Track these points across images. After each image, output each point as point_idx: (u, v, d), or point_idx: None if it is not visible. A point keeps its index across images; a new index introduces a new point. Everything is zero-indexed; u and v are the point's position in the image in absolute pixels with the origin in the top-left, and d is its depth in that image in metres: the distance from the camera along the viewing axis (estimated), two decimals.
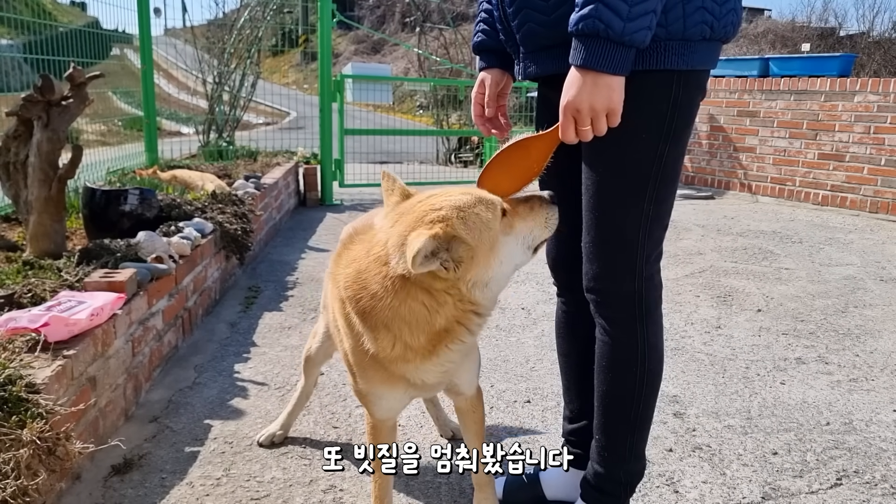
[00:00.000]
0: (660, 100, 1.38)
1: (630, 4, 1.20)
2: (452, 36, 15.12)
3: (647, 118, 1.39)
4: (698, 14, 1.33)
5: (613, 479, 1.60)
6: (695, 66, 1.39)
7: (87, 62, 5.03)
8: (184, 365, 2.76)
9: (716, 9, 1.35)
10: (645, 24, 1.23)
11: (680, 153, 1.46)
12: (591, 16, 1.21)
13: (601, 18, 1.21)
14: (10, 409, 1.58)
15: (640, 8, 1.21)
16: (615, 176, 1.43)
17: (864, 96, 6.31)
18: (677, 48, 1.35)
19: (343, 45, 29.89)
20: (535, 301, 3.67)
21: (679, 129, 1.42)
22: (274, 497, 1.87)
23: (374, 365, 1.41)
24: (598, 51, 1.23)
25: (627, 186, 1.43)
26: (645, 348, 1.51)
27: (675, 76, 1.38)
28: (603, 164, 1.43)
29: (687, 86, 1.40)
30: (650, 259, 1.49)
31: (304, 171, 6.56)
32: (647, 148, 1.40)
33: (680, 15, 1.32)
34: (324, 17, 6.36)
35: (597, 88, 1.26)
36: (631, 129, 1.37)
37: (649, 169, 1.41)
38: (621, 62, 1.24)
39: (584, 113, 1.28)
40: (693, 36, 1.35)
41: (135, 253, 2.66)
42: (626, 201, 1.44)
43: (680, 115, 1.41)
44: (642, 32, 1.23)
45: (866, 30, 16.77)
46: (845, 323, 3.42)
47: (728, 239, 5.30)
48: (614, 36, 1.21)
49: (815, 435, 2.29)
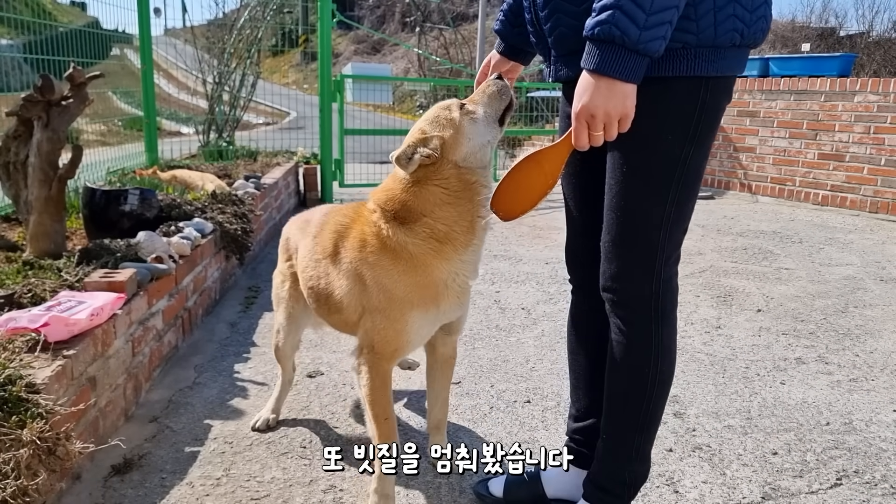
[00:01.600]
0: (687, 103, 1.39)
1: (647, 13, 1.21)
2: (452, 36, 15.12)
3: (673, 121, 1.40)
4: (729, 22, 1.34)
5: (618, 480, 1.60)
6: (724, 72, 1.40)
7: (87, 62, 5.02)
8: (184, 365, 2.76)
9: (746, 16, 1.36)
10: (660, 33, 1.24)
11: (704, 157, 1.46)
12: (608, 21, 1.22)
13: (618, 25, 1.22)
14: (10, 409, 1.58)
15: (656, 18, 1.22)
16: (638, 177, 1.43)
17: (864, 96, 6.31)
18: (708, 55, 1.36)
19: (343, 45, 29.88)
20: (535, 301, 3.67)
21: (704, 133, 1.42)
22: (274, 497, 1.87)
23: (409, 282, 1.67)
24: (613, 57, 1.25)
25: (650, 187, 1.43)
26: (659, 350, 1.51)
27: (703, 81, 1.38)
28: (627, 165, 1.44)
29: (715, 91, 1.41)
30: (669, 261, 1.50)
31: (304, 171, 6.57)
32: (672, 150, 1.41)
33: (711, 23, 1.33)
34: (324, 17, 6.36)
35: (612, 94, 1.27)
36: (657, 130, 1.38)
37: (673, 171, 1.42)
38: (635, 70, 1.26)
39: (598, 118, 1.29)
40: (723, 43, 1.36)
41: (135, 253, 2.66)
42: (649, 202, 1.44)
43: (706, 119, 1.41)
44: (657, 42, 1.24)
45: (866, 30, 16.76)
46: (845, 323, 3.42)
47: (728, 239, 5.30)
48: (630, 44, 1.22)
49: (815, 435, 2.29)
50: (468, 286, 1.76)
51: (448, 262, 1.67)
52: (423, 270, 1.67)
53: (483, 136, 1.66)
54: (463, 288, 1.73)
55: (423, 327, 1.73)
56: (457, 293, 1.72)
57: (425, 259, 1.66)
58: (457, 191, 1.65)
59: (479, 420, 2.35)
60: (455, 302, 1.74)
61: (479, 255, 1.74)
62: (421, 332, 1.74)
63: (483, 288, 3.89)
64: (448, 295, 1.71)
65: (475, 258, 1.73)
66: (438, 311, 1.72)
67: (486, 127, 1.67)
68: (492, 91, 1.69)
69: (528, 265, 4.40)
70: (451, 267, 1.68)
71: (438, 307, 1.71)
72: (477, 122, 1.66)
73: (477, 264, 1.75)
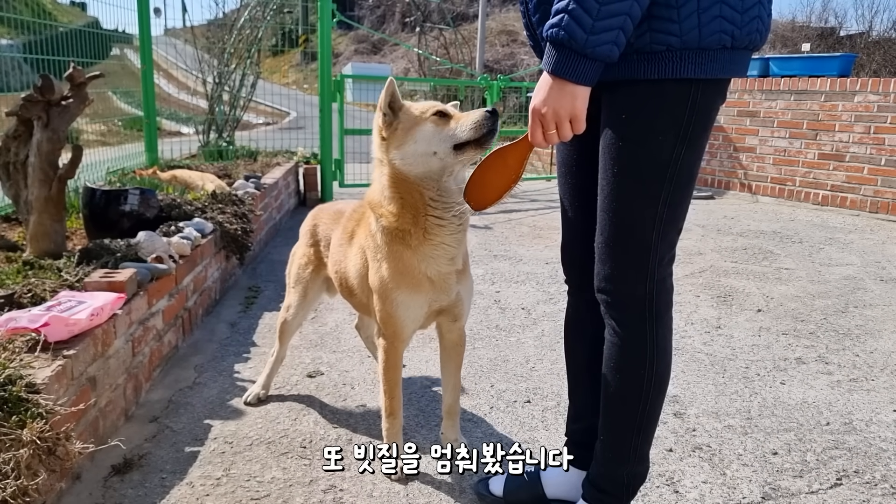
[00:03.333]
0: (678, 104, 1.38)
1: (595, 19, 1.23)
2: (452, 36, 15.13)
3: (663, 121, 1.38)
4: (715, 23, 1.32)
5: (616, 481, 1.60)
6: (716, 74, 1.37)
7: (87, 62, 5.02)
8: (184, 365, 2.76)
9: (736, 17, 1.33)
10: (609, 38, 1.25)
11: (697, 157, 1.44)
12: (558, 25, 1.26)
13: (566, 29, 1.25)
14: (10, 409, 1.58)
15: (604, 24, 1.24)
16: (629, 177, 1.42)
17: (864, 96, 6.31)
18: (694, 57, 1.34)
19: (343, 45, 29.87)
20: (535, 301, 3.67)
21: (696, 133, 1.41)
22: (274, 497, 1.87)
23: (391, 268, 1.82)
24: (564, 59, 1.28)
25: (641, 188, 1.42)
26: (654, 351, 1.51)
27: (693, 83, 1.37)
28: (618, 165, 1.43)
29: (707, 92, 1.39)
30: (663, 262, 1.49)
31: (304, 171, 6.57)
32: (663, 150, 1.40)
33: (695, 24, 1.31)
34: (324, 17, 6.36)
35: (561, 95, 1.31)
36: (646, 131, 1.38)
37: (664, 171, 1.41)
38: (585, 73, 1.28)
39: (548, 118, 1.34)
40: (711, 45, 1.33)
41: (135, 253, 2.66)
42: (640, 203, 1.43)
43: (698, 119, 1.40)
44: (606, 47, 1.26)
45: (866, 30, 16.77)
46: (845, 323, 3.42)
47: (728, 239, 5.30)
48: (577, 48, 1.26)
49: (815, 435, 2.29)
50: (448, 276, 1.85)
51: (414, 252, 1.80)
52: (397, 258, 1.82)
53: (430, 146, 1.73)
54: (441, 277, 1.84)
55: (410, 310, 1.85)
56: (434, 281, 1.84)
57: (394, 248, 1.82)
58: (399, 190, 1.78)
59: (479, 420, 2.35)
60: (436, 288, 1.85)
61: (449, 250, 1.82)
62: (409, 315, 1.86)
63: (483, 288, 3.89)
64: (425, 282, 1.83)
65: (443, 253, 1.81)
66: (420, 296, 1.84)
67: (440, 141, 1.73)
68: (475, 118, 1.72)
69: (528, 265, 4.40)
70: (418, 257, 1.80)
71: (419, 292, 1.84)
72: (435, 132, 1.73)
73: (451, 258, 1.83)
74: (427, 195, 1.77)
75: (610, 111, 1.43)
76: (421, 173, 1.75)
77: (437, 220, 1.78)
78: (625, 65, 1.36)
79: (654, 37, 1.32)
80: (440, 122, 1.75)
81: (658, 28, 1.31)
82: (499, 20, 25.39)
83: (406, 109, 1.79)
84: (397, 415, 1.99)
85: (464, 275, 1.93)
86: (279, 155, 7.03)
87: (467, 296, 1.97)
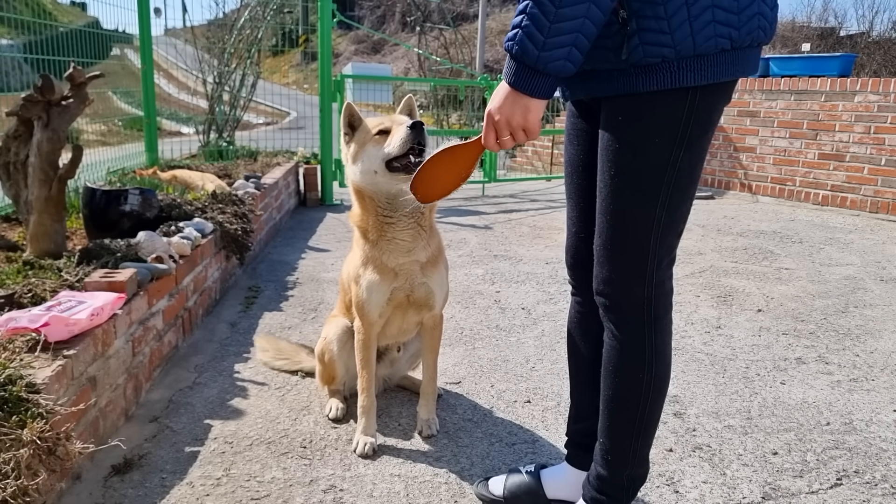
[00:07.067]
0: (676, 109, 1.35)
1: (546, 36, 1.24)
2: (452, 36, 15.14)
3: (660, 125, 1.36)
4: (709, 29, 1.29)
5: (616, 483, 1.60)
6: (717, 78, 1.34)
7: (87, 62, 5.03)
8: (184, 365, 2.76)
9: (732, 19, 1.30)
10: (561, 55, 1.26)
11: (697, 160, 1.42)
12: (512, 39, 1.29)
13: (519, 44, 1.27)
14: (10, 409, 1.58)
15: (554, 41, 1.25)
16: (627, 180, 1.41)
17: (865, 96, 6.31)
18: (692, 65, 1.31)
19: (343, 45, 29.89)
20: (535, 301, 3.67)
21: (695, 136, 1.38)
22: (274, 497, 1.88)
23: (361, 255, 2.06)
24: (520, 73, 1.30)
25: (639, 191, 1.41)
26: (652, 354, 1.50)
27: (692, 88, 1.34)
28: (615, 168, 1.42)
29: (707, 95, 1.36)
30: (661, 265, 1.47)
31: (305, 171, 6.56)
32: (661, 154, 1.38)
33: (687, 33, 1.28)
34: (324, 17, 6.36)
35: (515, 106, 1.34)
36: (643, 134, 1.37)
37: (662, 175, 1.39)
38: (538, 87, 1.30)
39: (500, 125, 1.37)
40: (707, 51, 1.30)
41: (135, 253, 2.66)
42: (638, 206, 1.42)
43: (697, 121, 1.37)
44: (559, 63, 1.26)
45: (866, 30, 16.78)
46: (845, 323, 3.42)
47: (728, 239, 5.30)
48: (529, 63, 1.27)
49: (815, 435, 2.29)
50: (408, 266, 2.03)
51: (373, 246, 2.03)
52: (364, 251, 2.06)
53: (371, 163, 1.95)
54: (401, 267, 2.03)
55: (374, 294, 2.05)
56: (396, 272, 2.03)
57: (361, 242, 2.07)
58: (358, 197, 2.03)
59: (479, 420, 2.35)
60: (398, 278, 2.04)
61: (402, 244, 2.01)
62: (373, 299, 2.06)
63: (483, 288, 3.89)
64: (387, 271, 2.03)
65: (397, 247, 2.01)
66: (383, 284, 2.04)
67: (378, 159, 1.93)
68: (400, 135, 1.89)
69: (528, 265, 4.40)
70: (378, 250, 2.03)
71: (382, 280, 2.04)
72: (375, 151, 1.94)
73: (408, 251, 2.02)
74: (378, 201, 1.98)
75: (607, 114, 1.42)
76: (371, 190, 1.98)
77: (387, 219, 1.99)
78: (623, 79, 1.34)
79: (646, 50, 1.29)
80: (380, 139, 1.93)
81: (649, 41, 1.29)
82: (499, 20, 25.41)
83: (362, 126, 1.99)
84: (369, 391, 2.16)
85: (434, 267, 2.09)
86: (279, 155, 7.03)
87: (438, 287, 2.12)
